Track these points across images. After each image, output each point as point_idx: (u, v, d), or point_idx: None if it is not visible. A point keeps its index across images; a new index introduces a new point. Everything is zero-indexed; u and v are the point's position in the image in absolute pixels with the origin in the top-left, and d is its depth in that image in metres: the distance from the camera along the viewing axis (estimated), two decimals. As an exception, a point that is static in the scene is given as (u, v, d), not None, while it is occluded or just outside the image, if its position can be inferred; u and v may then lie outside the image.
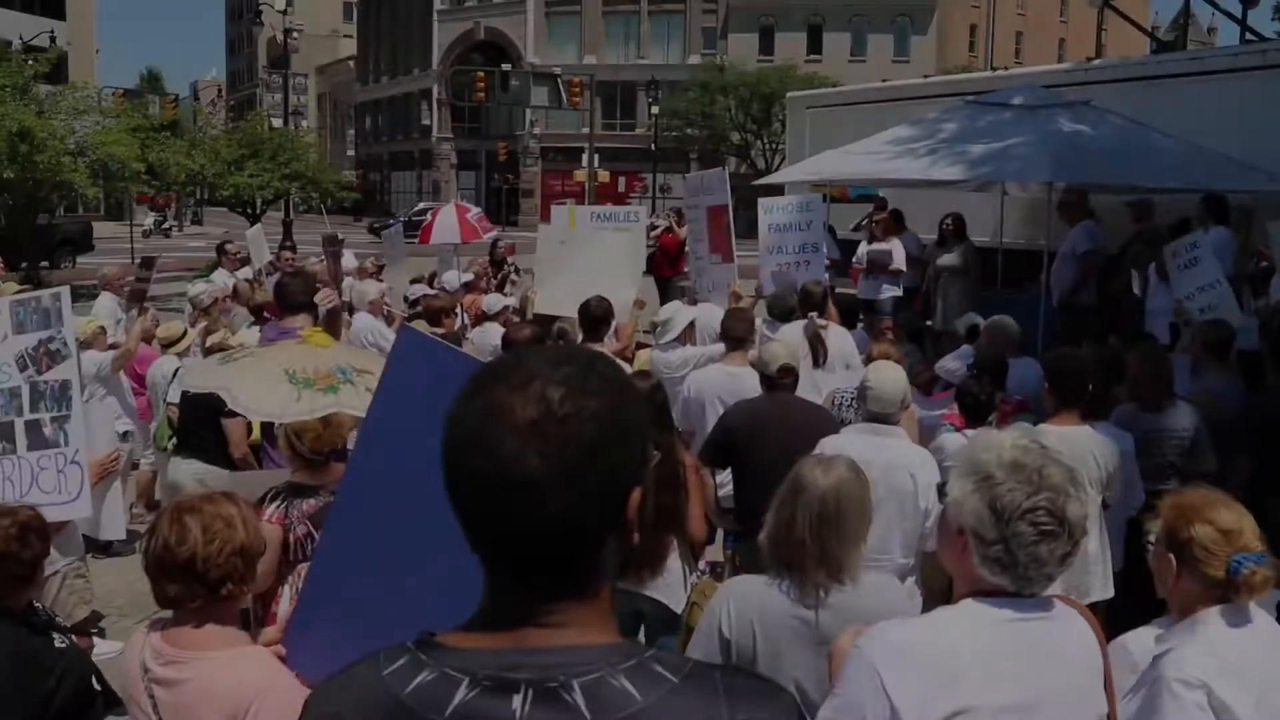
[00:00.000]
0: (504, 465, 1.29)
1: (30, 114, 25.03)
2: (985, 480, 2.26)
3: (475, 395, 1.35)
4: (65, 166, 25.58)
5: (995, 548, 2.24)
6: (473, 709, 1.31)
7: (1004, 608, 2.28)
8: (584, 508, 1.31)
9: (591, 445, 1.31)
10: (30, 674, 3.23)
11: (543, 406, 1.31)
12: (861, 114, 15.67)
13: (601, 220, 11.45)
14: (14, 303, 4.81)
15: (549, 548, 1.33)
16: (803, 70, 55.54)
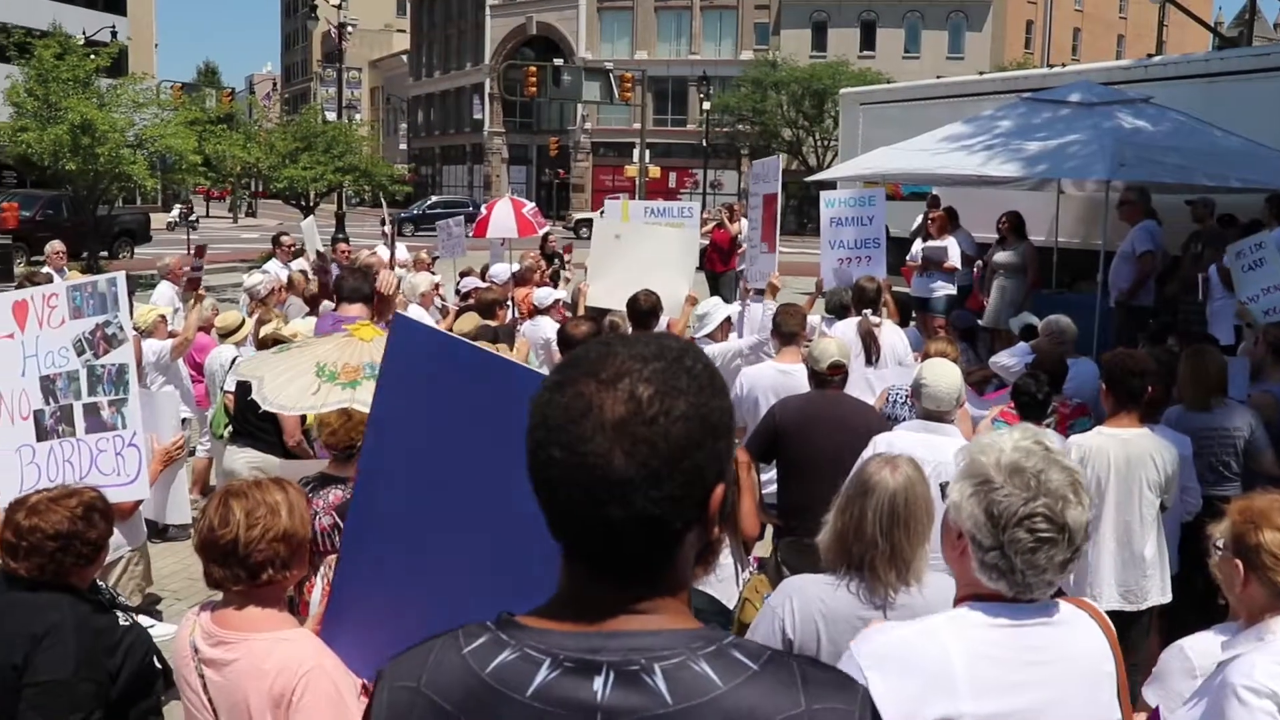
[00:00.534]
0: (590, 462, 1.29)
1: (92, 107, 25.43)
2: (983, 484, 2.20)
3: (563, 388, 1.35)
4: (125, 158, 25.98)
5: (992, 554, 2.18)
6: (554, 689, 1.32)
7: (1000, 614, 2.23)
8: (668, 506, 1.31)
9: (679, 445, 1.30)
10: (98, 650, 3.29)
11: (632, 406, 1.30)
12: (915, 111, 15.56)
13: (655, 215, 11.46)
14: (71, 288, 4.86)
15: (630, 544, 1.33)
16: (856, 66, 55.29)
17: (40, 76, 26.05)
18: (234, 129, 35.52)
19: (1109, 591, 5.21)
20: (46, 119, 25.55)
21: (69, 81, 25.95)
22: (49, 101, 25.77)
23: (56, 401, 4.74)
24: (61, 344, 4.76)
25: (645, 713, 1.28)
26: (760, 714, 1.28)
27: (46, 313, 4.80)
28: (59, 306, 4.79)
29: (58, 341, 4.76)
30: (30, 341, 4.79)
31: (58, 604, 3.31)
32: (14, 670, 3.18)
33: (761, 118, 56.48)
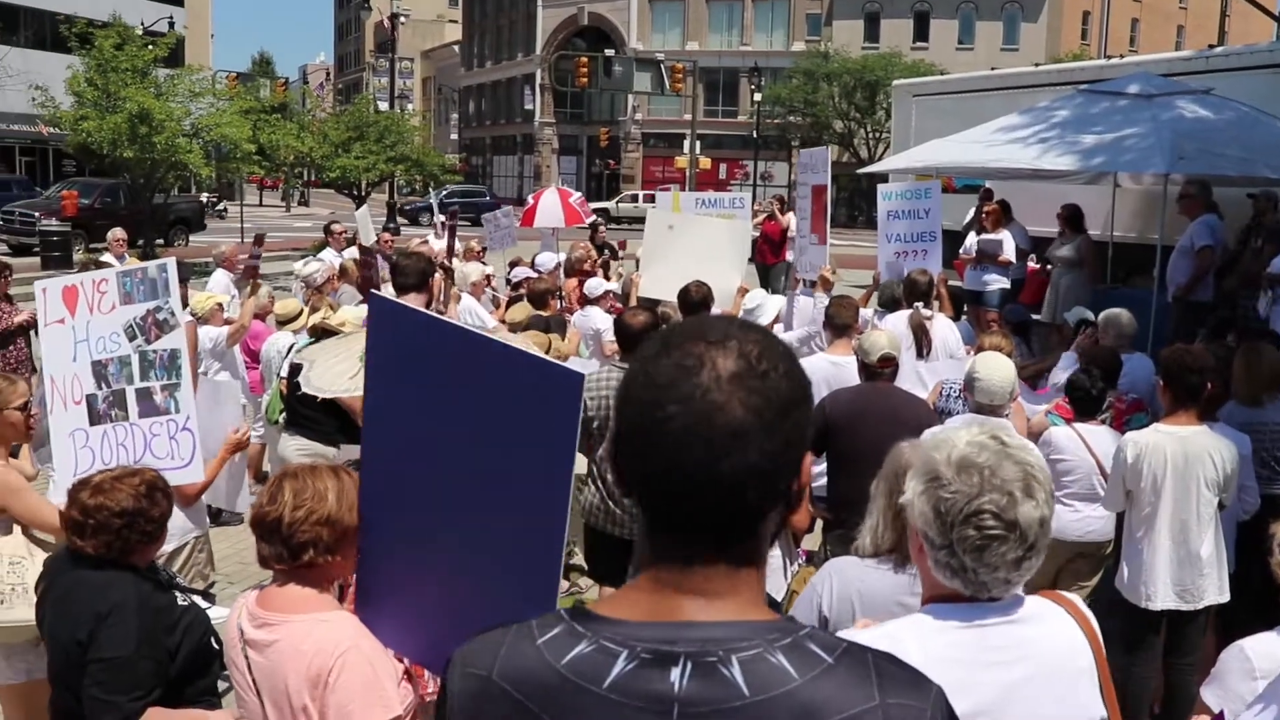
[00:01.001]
0: (711, 412, 1.31)
1: (149, 96, 25.83)
2: (933, 481, 2.16)
3: (669, 350, 1.37)
4: (181, 147, 26.37)
5: (943, 552, 2.14)
6: (632, 681, 1.32)
7: (960, 615, 2.18)
8: (777, 460, 1.34)
9: (786, 401, 1.35)
10: (158, 628, 3.36)
11: (743, 362, 1.34)
12: (969, 103, 15.41)
13: (706, 206, 11.44)
14: (121, 274, 4.90)
15: (734, 500, 1.34)
16: (908, 58, 54.79)
17: (100, 66, 26.49)
18: (287, 118, 35.94)
19: (1164, 590, 5.14)
20: (106, 108, 25.99)
21: (127, 71, 26.36)
22: (108, 91, 26.21)
23: (109, 386, 4.79)
24: (113, 329, 4.80)
25: (722, 704, 1.28)
26: (834, 707, 1.28)
27: (97, 298, 4.84)
28: (109, 292, 4.84)
29: (109, 327, 4.81)
30: (81, 327, 4.83)
31: (121, 582, 3.38)
32: (79, 646, 3.26)
33: (813, 109, 56.13)
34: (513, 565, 2.34)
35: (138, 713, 3.24)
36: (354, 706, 2.59)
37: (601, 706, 1.33)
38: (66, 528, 3.45)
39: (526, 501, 2.28)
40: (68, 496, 3.50)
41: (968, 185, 15.43)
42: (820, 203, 9.67)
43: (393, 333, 2.56)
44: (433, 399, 2.44)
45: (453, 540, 2.47)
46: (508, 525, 2.33)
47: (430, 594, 2.59)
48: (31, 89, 26.56)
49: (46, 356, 4.92)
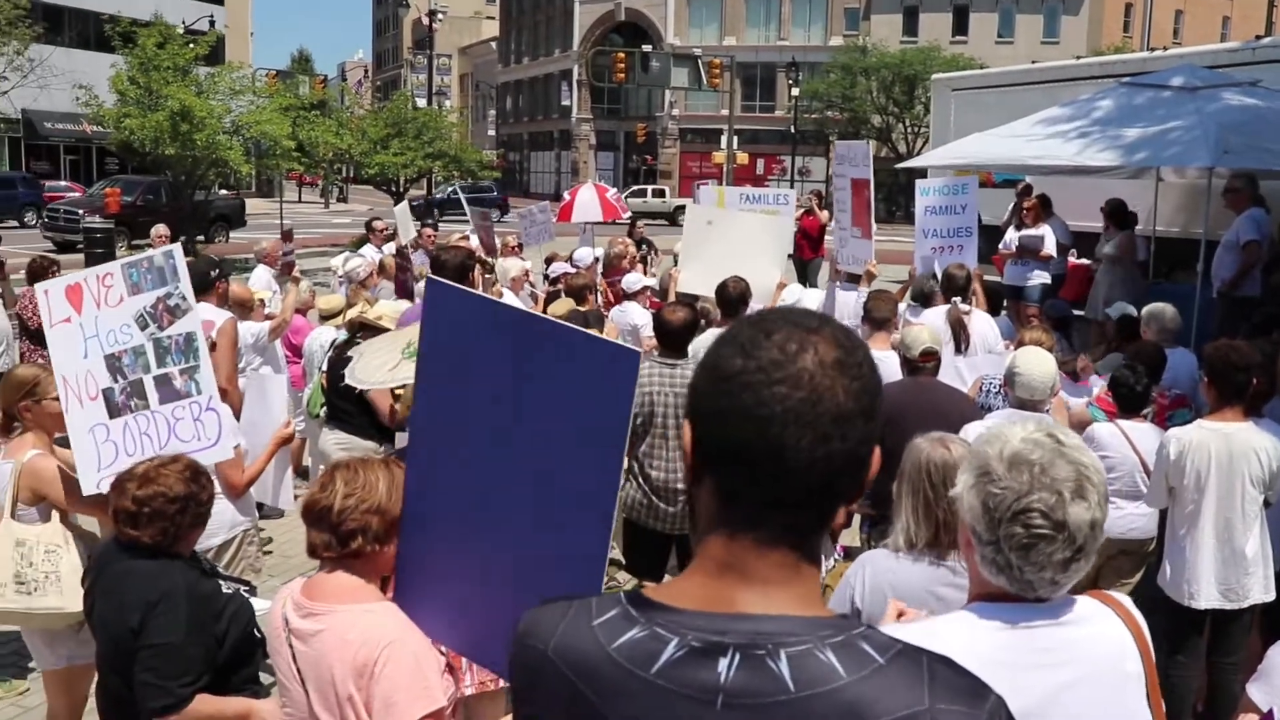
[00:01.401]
0: (818, 395, 1.32)
1: (190, 94, 26.05)
2: (984, 475, 2.13)
3: (769, 334, 1.37)
4: (221, 144, 26.58)
5: (989, 548, 2.11)
6: (679, 669, 1.33)
7: (1007, 615, 2.15)
8: (869, 450, 1.37)
9: (875, 388, 1.37)
10: (206, 615, 3.41)
11: (842, 350, 1.36)
12: (1009, 97, 15.30)
13: (750, 202, 11.40)
14: (126, 265, 4.89)
15: (823, 486, 1.35)
16: (948, 52, 54.46)
17: (143, 65, 26.75)
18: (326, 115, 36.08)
19: (1208, 589, 5.09)
20: (148, 106, 26.24)
21: (169, 69, 26.60)
22: (150, 89, 26.46)
23: (125, 378, 4.77)
24: (123, 321, 4.78)
25: (766, 697, 1.28)
26: (881, 708, 1.27)
27: (103, 293, 4.82)
28: (115, 285, 4.81)
29: (118, 319, 4.79)
30: (89, 323, 4.80)
31: (170, 570, 3.44)
32: (131, 634, 3.32)
33: (851, 104, 55.90)
34: (560, 551, 2.35)
35: (188, 698, 3.29)
36: (399, 697, 2.61)
37: (647, 692, 1.34)
38: (118, 520, 3.50)
39: (577, 484, 2.29)
40: (114, 491, 3.55)
41: (1007, 180, 15.32)
42: (863, 196, 9.63)
43: (448, 316, 2.56)
44: (486, 381, 2.45)
45: (500, 525, 2.48)
46: (557, 509, 2.34)
47: (475, 582, 2.60)
48: (75, 88, 26.85)
49: (55, 357, 4.87)
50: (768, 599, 1.35)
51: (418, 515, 2.71)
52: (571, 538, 2.34)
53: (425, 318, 2.65)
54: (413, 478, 2.73)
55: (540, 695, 1.46)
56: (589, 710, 1.39)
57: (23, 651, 6.44)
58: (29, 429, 4.85)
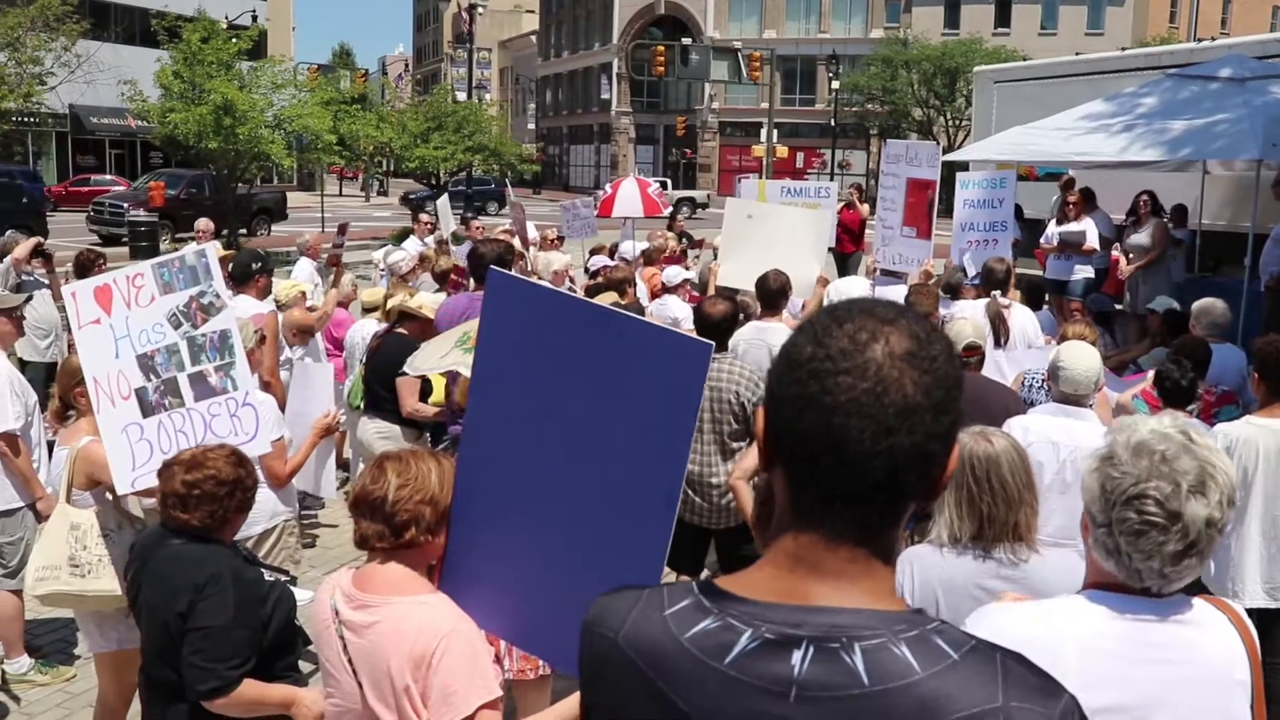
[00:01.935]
0: (884, 387, 1.30)
1: (233, 88, 26.30)
2: (1107, 460, 2.13)
3: (841, 323, 1.36)
4: (264, 138, 26.81)
5: (1101, 530, 2.12)
6: (753, 660, 1.33)
7: (1122, 606, 2.14)
8: (940, 445, 1.34)
9: (950, 382, 1.34)
10: (252, 599, 3.45)
11: (916, 341, 1.33)
12: (1052, 89, 15.11)
13: (791, 195, 11.37)
14: (156, 265, 4.90)
15: (890, 480, 1.32)
16: (990, 44, 53.97)
17: (187, 60, 27.02)
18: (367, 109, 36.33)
19: (1253, 588, 5.02)
20: (192, 100, 26.51)
21: (213, 64, 26.86)
22: (194, 83, 26.73)
23: (158, 377, 4.78)
24: (155, 320, 4.79)
25: (840, 691, 1.28)
26: (954, 704, 1.25)
27: (133, 293, 4.82)
28: (146, 285, 4.82)
29: (150, 319, 4.80)
30: (119, 323, 4.81)
31: (216, 555, 3.49)
32: (180, 617, 3.36)
33: (891, 97, 55.54)
34: (621, 542, 2.36)
35: (235, 681, 3.33)
36: (457, 687, 2.62)
37: (720, 683, 1.33)
38: (166, 504, 3.54)
39: (641, 477, 2.29)
40: (161, 476, 3.60)
41: (1049, 173, 15.17)
42: (923, 197, 9.58)
43: (509, 305, 2.56)
44: (547, 371, 2.45)
45: (558, 516, 2.48)
46: (619, 501, 2.34)
47: (528, 571, 2.61)
48: (121, 83, 27.17)
49: (85, 358, 4.90)
50: (841, 592, 1.35)
51: (470, 504, 2.73)
52: (633, 530, 2.34)
53: (485, 307, 2.65)
54: (465, 466, 2.74)
55: (609, 683, 1.46)
56: (660, 699, 1.38)
57: (69, 639, 6.55)
58: (84, 416, 4.92)
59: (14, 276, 10.05)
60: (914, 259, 9.32)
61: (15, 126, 24.17)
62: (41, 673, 6.04)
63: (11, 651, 5.99)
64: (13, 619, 5.97)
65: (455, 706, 2.62)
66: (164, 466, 3.64)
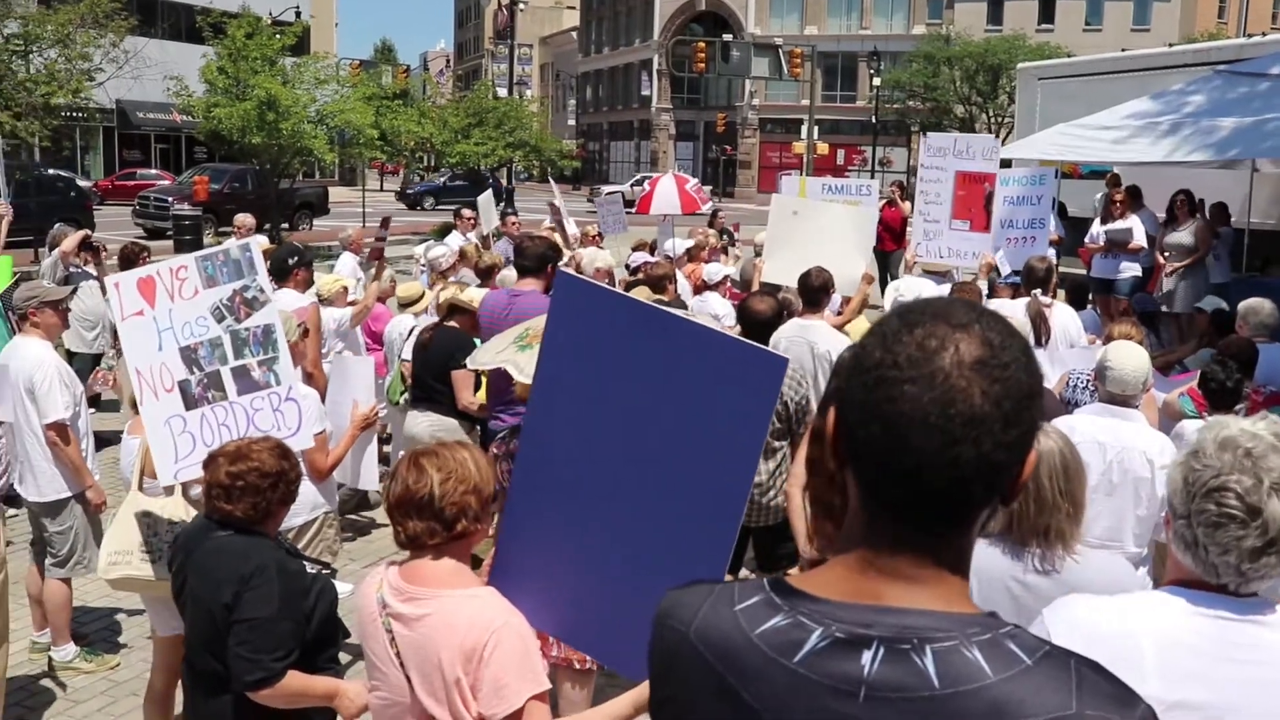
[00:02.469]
0: (950, 396, 1.28)
1: (277, 83, 26.50)
2: (1193, 454, 2.15)
3: (912, 328, 1.33)
4: (306, 133, 27.00)
5: (1180, 522, 2.12)
6: (823, 659, 1.32)
7: (1206, 603, 2.12)
8: (1008, 455, 1.30)
9: (1025, 394, 1.31)
10: (295, 591, 3.48)
11: (987, 349, 1.30)
12: (1097, 86, 14.94)
13: (832, 192, 11.32)
14: (200, 258, 4.93)
15: (957, 489, 1.31)
16: (1033, 40, 53.45)
17: (231, 55, 27.27)
18: (409, 105, 36.48)
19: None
20: (236, 95, 26.75)
21: (257, 60, 27.08)
22: (238, 79, 26.97)
23: (201, 370, 4.81)
24: (198, 314, 4.82)
25: (910, 693, 1.27)
26: (1026, 710, 1.24)
27: (176, 285, 4.84)
28: (190, 278, 4.84)
29: (193, 312, 4.82)
30: (162, 316, 4.83)
31: (260, 548, 3.51)
32: (225, 609, 3.39)
33: (933, 94, 55.12)
34: (683, 547, 2.36)
35: (280, 673, 3.36)
36: (508, 680, 2.64)
37: (789, 680, 1.33)
38: (210, 496, 3.58)
39: (707, 484, 2.29)
40: (206, 467, 3.63)
41: (1094, 171, 15.02)
42: (978, 190, 9.52)
43: (576, 308, 2.57)
44: (613, 376, 2.46)
45: (621, 517, 2.49)
46: (684, 507, 2.35)
47: (585, 570, 2.63)
48: (167, 79, 27.46)
49: (128, 350, 4.94)
50: (911, 594, 1.33)
51: (527, 501, 2.73)
52: (695, 538, 2.34)
53: (552, 309, 2.66)
54: (524, 464, 2.75)
55: (679, 677, 1.46)
56: (731, 695, 1.38)
57: (113, 627, 6.64)
58: None
59: (62, 269, 10.21)
60: (968, 252, 9.26)
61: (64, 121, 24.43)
62: (86, 660, 6.12)
63: (59, 639, 6.08)
64: (61, 607, 6.05)
65: (506, 699, 2.63)
66: (209, 458, 3.68)
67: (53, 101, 21.14)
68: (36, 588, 6.16)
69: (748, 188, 63.40)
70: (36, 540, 6.12)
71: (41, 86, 21.08)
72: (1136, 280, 11.99)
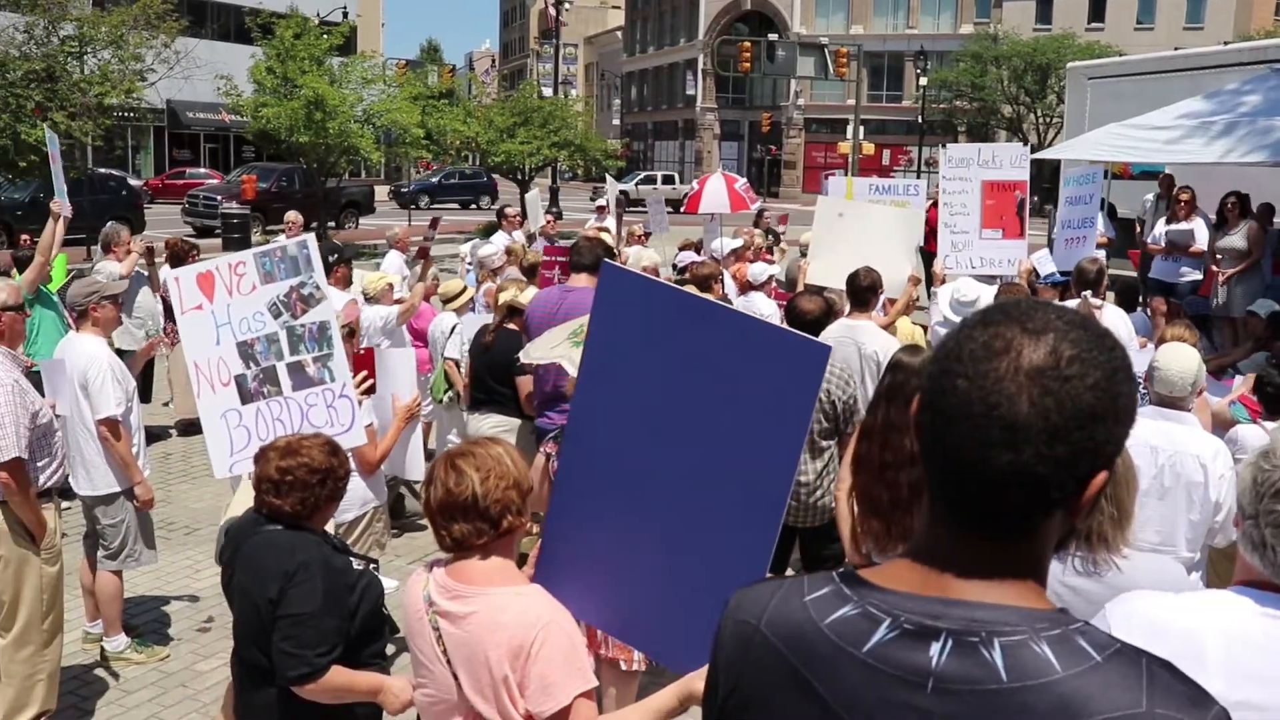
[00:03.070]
0: (993, 399, 1.28)
1: (324, 83, 26.76)
2: (1265, 455, 2.17)
3: (985, 326, 1.34)
4: (353, 133, 27.24)
5: (1249, 522, 2.14)
6: (891, 650, 1.33)
7: (1269, 603, 2.12)
8: (1053, 468, 1.28)
9: (1084, 412, 1.28)
10: (340, 587, 3.50)
11: (1052, 359, 1.28)
12: (1149, 85, 14.73)
13: (879, 193, 11.25)
14: (259, 254, 5.00)
15: (1004, 498, 1.30)
16: (1083, 39, 52.85)
17: (280, 55, 27.56)
18: (454, 104, 36.64)
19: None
20: (284, 95, 27.03)
21: (305, 60, 27.35)
22: (286, 79, 27.25)
23: (257, 364, 4.88)
24: (255, 309, 4.89)
25: (978, 685, 1.27)
26: (1095, 707, 1.23)
27: (235, 281, 4.92)
28: (248, 274, 4.92)
29: (251, 307, 4.89)
30: (220, 310, 4.91)
31: (306, 543, 3.54)
32: (270, 603, 3.42)
33: (980, 94, 54.65)
34: (727, 539, 2.36)
35: (324, 668, 3.38)
36: (555, 677, 2.63)
37: (858, 670, 1.34)
38: (260, 490, 3.61)
39: (750, 475, 2.29)
40: (258, 461, 3.67)
41: (1144, 171, 14.82)
42: (1007, 198, 9.46)
43: (622, 300, 2.58)
44: (659, 366, 2.46)
45: (666, 510, 2.49)
46: (728, 498, 2.35)
47: (630, 564, 2.62)
48: (217, 78, 27.78)
49: (187, 343, 5.01)
50: (979, 590, 1.33)
51: (572, 496, 2.73)
52: (739, 529, 2.34)
53: (597, 300, 2.67)
54: (569, 458, 2.75)
55: (752, 666, 1.46)
56: (803, 685, 1.39)
57: (163, 619, 6.72)
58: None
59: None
60: (1004, 259, 9.19)
61: (117, 121, 24.76)
62: (137, 651, 6.20)
63: (110, 630, 6.16)
64: (113, 598, 6.14)
65: (554, 696, 2.63)
66: (260, 452, 3.71)
67: (106, 101, 21.44)
68: (89, 579, 6.25)
69: (792, 188, 63.17)
70: (89, 533, 6.21)
71: (95, 87, 21.38)
72: (1196, 285, 11.81)
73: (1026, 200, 9.33)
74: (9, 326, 5.15)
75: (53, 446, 5.24)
